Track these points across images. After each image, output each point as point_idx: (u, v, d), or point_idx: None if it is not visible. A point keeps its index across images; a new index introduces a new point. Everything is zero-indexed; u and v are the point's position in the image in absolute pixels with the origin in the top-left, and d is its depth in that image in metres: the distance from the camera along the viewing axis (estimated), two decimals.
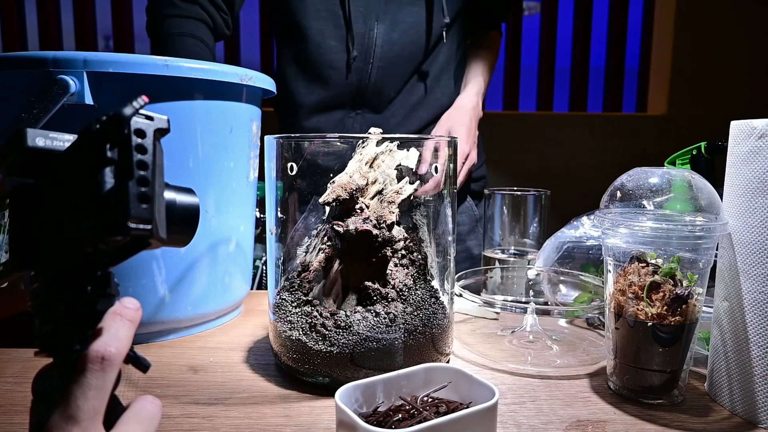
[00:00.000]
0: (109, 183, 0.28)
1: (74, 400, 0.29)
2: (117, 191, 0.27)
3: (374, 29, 0.99)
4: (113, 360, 0.30)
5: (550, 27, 2.45)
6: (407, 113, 1.04)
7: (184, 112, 0.67)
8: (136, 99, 0.28)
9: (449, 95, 1.07)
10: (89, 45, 2.41)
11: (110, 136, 0.28)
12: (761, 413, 0.50)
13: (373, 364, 0.55)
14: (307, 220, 0.62)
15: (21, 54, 0.62)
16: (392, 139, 0.60)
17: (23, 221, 0.31)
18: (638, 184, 0.57)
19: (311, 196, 0.61)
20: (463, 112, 1.03)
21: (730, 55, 2.26)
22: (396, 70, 1.01)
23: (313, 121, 1.04)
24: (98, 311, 0.31)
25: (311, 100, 1.02)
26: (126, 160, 0.28)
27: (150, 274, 0.68)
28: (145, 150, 0.28)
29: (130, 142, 0.28)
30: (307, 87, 1.02)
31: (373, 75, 1.00)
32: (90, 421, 0.29)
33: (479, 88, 1.09)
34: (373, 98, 1.02)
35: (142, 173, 0.28)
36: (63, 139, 0.30)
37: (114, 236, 0.27)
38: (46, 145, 0.29)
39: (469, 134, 1.00)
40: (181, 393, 0.56)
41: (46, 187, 0.30)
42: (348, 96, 1.02)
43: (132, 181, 0.27)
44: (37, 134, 0.29)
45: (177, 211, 0.33)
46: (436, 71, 1.05)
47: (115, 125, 0.28)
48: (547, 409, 0.53)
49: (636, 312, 0.53)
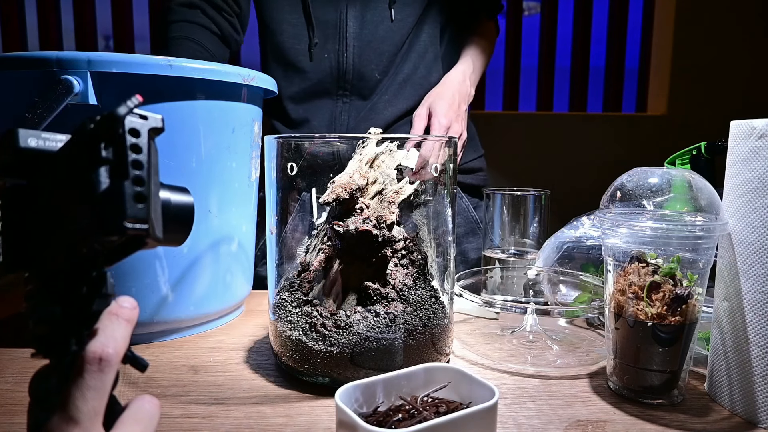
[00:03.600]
0: (105, 183, 0.27)
1: (73, 402, 0.29)
2: (112, 191, 0.27)
3: (344, 12, 0.99)
4: (111, 360, 0.29)
5: (550, 27, 2.45)
6: (395, 92, 1.02)
7: (187, 112, 0.68)
8: (130, 98, 0.28)
9: (438, 74, 1.05)
10: (89, 45, 2.40)
11: (105, 135, 0.28)
12: (761, 413, 0.50)
13: (373, 364, 0.55)
14: (294, 220, 0.62)
15: (25, 54, 0.62)
16: (392, 139, 0.60)
17: (16, 222, 0.31)
18: (638, 184, 0.57)
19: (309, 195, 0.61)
20: (446, 87, 1.00)
21: (730, 55, 2.26)
22: (374, 51, 1.00)
23: (300, 111, 1.04)
24: (94, 312, 0.31)
25: (293, 91, 1.03)
26: (121, 160, 0.28)
27: (153, 274, 0.68)
28: (140, 149, 0.28)
29: (125, 142, 0.28)
30: (285, 78, 1.03)
31: (350, 57, 1.00)
32: (90, 422, 0.29)
33: (466, 67, 1.06)
34: (357, 82, 1.01)
35: (138, 173, 0.28)
36: (56, 140, 0.30)
37: (110, 236, 0.27)
38: (38, 146, 0.29)
39: (450, 108, 0.96)
40: (181, 393, 0.56)
41: (38, 188, 0.30)
42: (329, 82, 1.02)
43: (127, 181, 0.27)
44: (29, 135, 0.29)
45: (172, 211, 0.32)
46: (421, 49, 1.03)
47: (110, 125, 0.28)
48: (547, 409, 0.53)
49: (636, 312, 0.53)
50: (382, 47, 1.01)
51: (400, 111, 1.03)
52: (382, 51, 1.01)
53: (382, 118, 1.02)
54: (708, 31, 2.25)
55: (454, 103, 0.98)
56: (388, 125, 1.02)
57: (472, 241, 1.11)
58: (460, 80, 1.02)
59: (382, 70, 1.02)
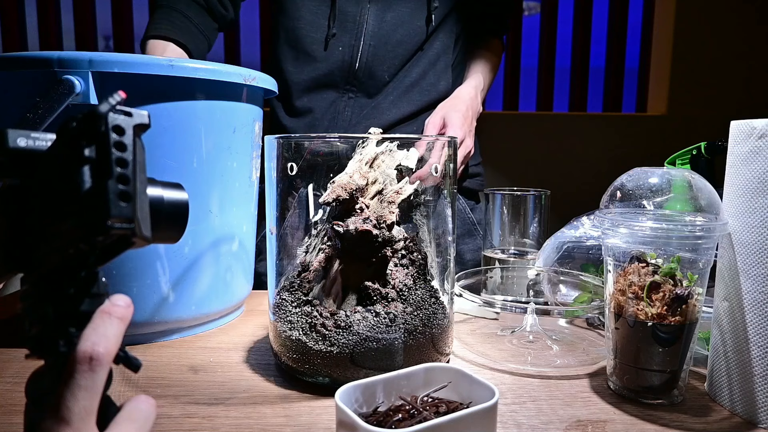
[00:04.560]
0: (88, 182, 0.27)
1: (64, 402, 0.28)
2: (96, 190, 0.27)
3: (366, 7, 0.99)
4: (101, 359, 0.29)
5: (550, 27, 2.45)
6: (401, 94, 1.03)
7: (187, 112, 0.68)
8: (112, 95, 0.27)
9: (446, 83, 1.06)
10: (89, 45, 2.40)
11: (87, 134, 0.27)
12: (761, 413, 0.50)
13: (373, 364, 0.55)
14: (291, 218, 0.62)
15: (26, 54, 0.62)
16: (392, 139, 0.60)
17: (9, 223, 0.31)
18: (638, 184, 0.57)
19: None
20: (460, 100, 1.02)
21: (730, 55, 2.26)
22: (388, 52, 1.01)
23: (304, 101, 1.04)
24: (84, 312, 0.30)
25: (301, 78, 1.03)
26: (104, 159, 0.27)
27: (153, 274, 0.68)
28: (124, 147, 0.28)
29: (107, 140, 0.27)
30: (294, 63, 1.03)
31: (363, 54, 1.00)
32: (81, 422, 0.29)
33: (478, 83, 1.08)
34: (366, 79, 1.02)
35: (122, 171, 0.27)
36: (45, 139, 0.30)
37: (95, 236, 0.27)
38: (27, 146, 0.29)
39: (464, 121, 0.99)
40: (181, 393, 0.56)
41: (29, 188, 0.30)
42: (339, 75, 1.02)
43: (111, 180, 0.27)
44: (19, 135, 0.29)
45: (165, 208, 0.32)
46: (432, 56, 1.04)
47: (92, 123, 0.27)
48: (547, 409, 0.53)
49: (636, 312, 0.53)
50: (397, 49, 1.01)
51: (404, 114, 1.03)
52: (397, 53, 1.02)
53: (385, 118, 1.02)
54: (708, 31, 2.25)
55: (468, 118, 1.01)
56: (389, 126, 1.03)
57: (469, 242, 1.11)
58: (472, 96, 1.05)
59: (392, 72, 1.03)
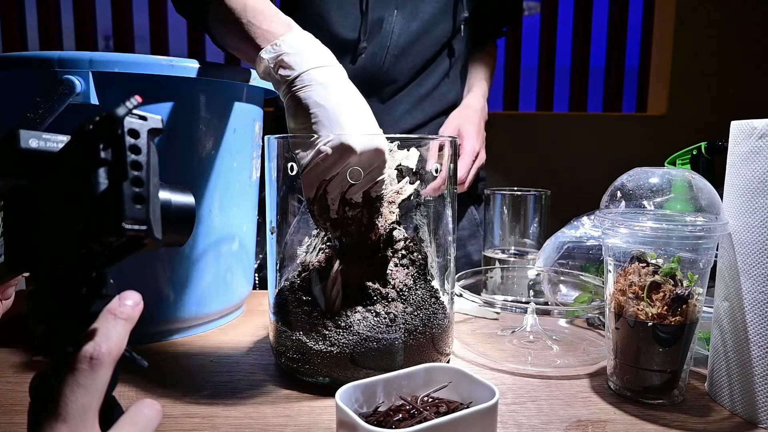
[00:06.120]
0: (103, 184, 0.27)
1: (63, 399, 0.29)
2: (111, 192, 0.27)
3: (393, 16, 0.99)
4: (102, 359, 0.29)
5: (550, 27, 2.45)
6: (415, 103, 1.03)
7: (188, 112, 0.68)
8: (129, 99, 0.28)
9: (456, 93, 1.08)
10: (89, 45, 2.40)
11: (103, 136, 0.28)
12: (761, 413, 0.50)
13: (373, 364, 0.55)
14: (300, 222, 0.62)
15: (26, 54, 0.62)
16: (392, 139, 0.60)
17: (18, 223, 0.31)
18: (638, 184, 0.57)
19: None
20: (472, 110, 1.03)
21: (730, 55, 2.26)
22: (408, 60, 1.01)
23: None
24: (93, 312, 0.31)
25: None
26: (120, 161, 0.28)
27: (154, 274, 0.68)
28: (139, 150, 0.28)
29: (123, 143, 0.28)
30: None
31: (387, 62, 1.00)
32: (78, 420, 0.29)
33: (484, 91, 1.11)
34: (383, 86, 1.01)
35: (137, 174, 0.28)
36: (57, 140, 0.30)
37: (108, 237, 0.27)
38: (39, 147, 0.29)
39: (479, 133, 1.01)
40: (181, 393, 0.56)
41: (40, 189, 0.30)
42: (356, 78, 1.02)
43: (126, 182, 0.27)
44: (31, 135, 0.29)
45: (172, 211, 0.32)
46: (446, 67, 1.05)
47: (109, 126, 0.28)
48: (547, 409, 0.53)
49: (636, 312, 0.53)
50: (416, 59, 1.02)
51: (417, 122, 1.04)
52: (415, 63, 1.02)
53: (399, 126, 1.03)
54: (708, 31, 2.25)
55: (481, 129, 1.03)
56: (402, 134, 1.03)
57: (474, 243, 1.12)
58: (482, 105, 1.07)
59: (406, 81, 1.03)
